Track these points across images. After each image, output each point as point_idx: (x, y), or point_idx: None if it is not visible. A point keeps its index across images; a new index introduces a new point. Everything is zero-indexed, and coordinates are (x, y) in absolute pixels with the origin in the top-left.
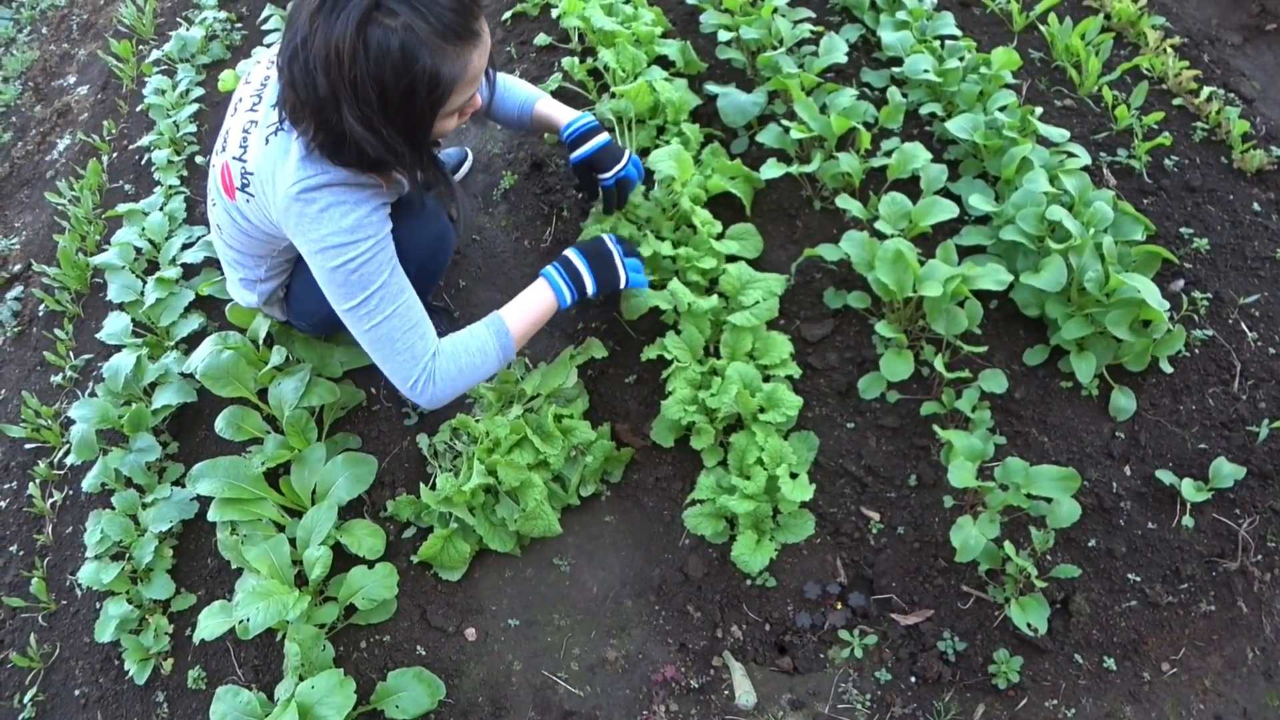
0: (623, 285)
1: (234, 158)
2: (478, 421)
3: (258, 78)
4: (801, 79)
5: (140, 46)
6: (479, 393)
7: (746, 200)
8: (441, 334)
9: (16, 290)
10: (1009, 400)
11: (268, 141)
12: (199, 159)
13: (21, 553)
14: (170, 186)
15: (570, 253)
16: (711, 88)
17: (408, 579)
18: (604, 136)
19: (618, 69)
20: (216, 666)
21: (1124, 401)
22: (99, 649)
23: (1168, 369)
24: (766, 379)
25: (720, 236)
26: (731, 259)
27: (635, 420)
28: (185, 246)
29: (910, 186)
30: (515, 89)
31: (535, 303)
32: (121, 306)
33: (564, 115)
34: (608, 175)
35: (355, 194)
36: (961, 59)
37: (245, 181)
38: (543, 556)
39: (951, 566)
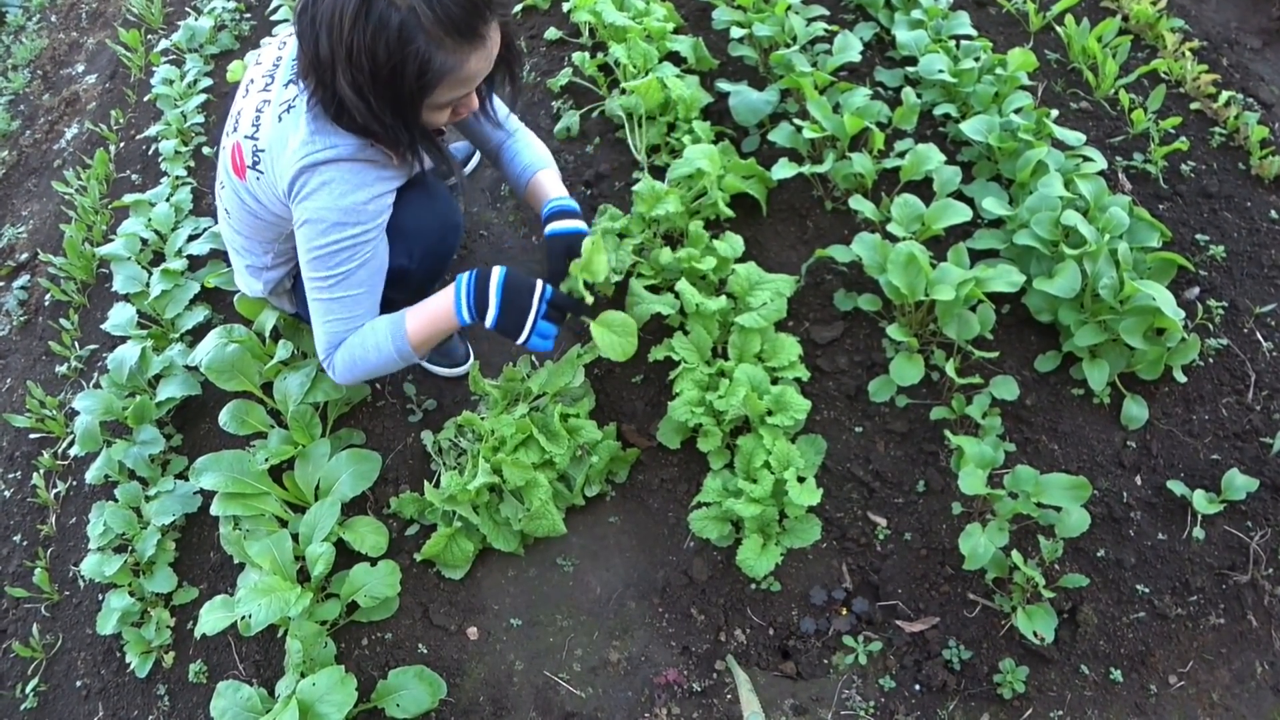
0: (519, 340)
1: (246, 136)
2: (483, 419)
3: (269, 58)
4: (815, 77)
5: (149, 36)
6: (484, 390)
7: (762, 200)
8: None
9: (23, 279)
10: (1020, 407)
11: (280, 119)
12: (206, 150)
13: (25, 543)
14: (177, 177)
15: (495, 273)
16: (723, 85)
17: (410, 577)
18: (577, 223)
19: (629, 65)
20: (218, 661)
21: (1136, 410)
22: (101, 641)
23: (1181, 378)
24: (775, 381)
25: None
26: (739, 261)
27: (641, 420)
28: (192, 238)
29: (923, 188)
30: (529, 151)
31: (437, 311)
32: (127, 297)
33: (552, 191)
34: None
35: (361, 175)
36: (977, 59)
37: (256, 159)
38: (546, 556)
39: (958, 574)
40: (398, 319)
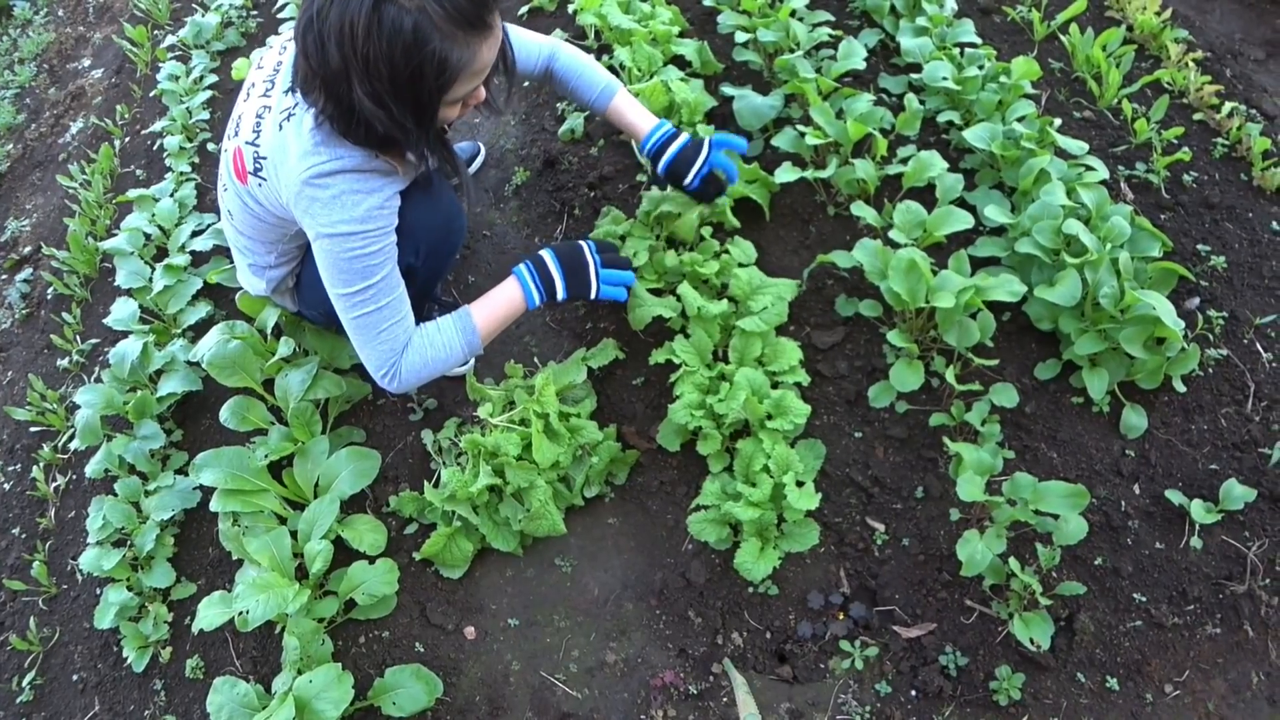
0: (592, 295)
1: (246, 142)
2: (479, 424)
3: (270, 63)
4: (819, 83)
5: (155, 31)
6: (483, 395)
7: (765, 205)
8: None
9: (26, 272)
10: (1019, 414)
11: (281, 127)
12: (211, 146)
13: (24, 536)
14: (181, 173)
15: (545, 253)
16: (727, 89)
17: (408, 575)
18: (678, 144)
19: (633, 68)
20: (215, 657)
21: (1135, 419)
22: (98, 635)
23: (1180, 388)
24: (775, 385)
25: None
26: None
27: (642, 423)
28: (195, 234)
29: (926, 195)
30: (593, 73)
31: (504, 300)
32: (130, 292)
33: (643, 124)
34: (688, 180)
35: (368, 181)
36: (981, 67)
37: (258, 166)
38: (544, 557)
39: (956, 580)
40: (463, 319)
